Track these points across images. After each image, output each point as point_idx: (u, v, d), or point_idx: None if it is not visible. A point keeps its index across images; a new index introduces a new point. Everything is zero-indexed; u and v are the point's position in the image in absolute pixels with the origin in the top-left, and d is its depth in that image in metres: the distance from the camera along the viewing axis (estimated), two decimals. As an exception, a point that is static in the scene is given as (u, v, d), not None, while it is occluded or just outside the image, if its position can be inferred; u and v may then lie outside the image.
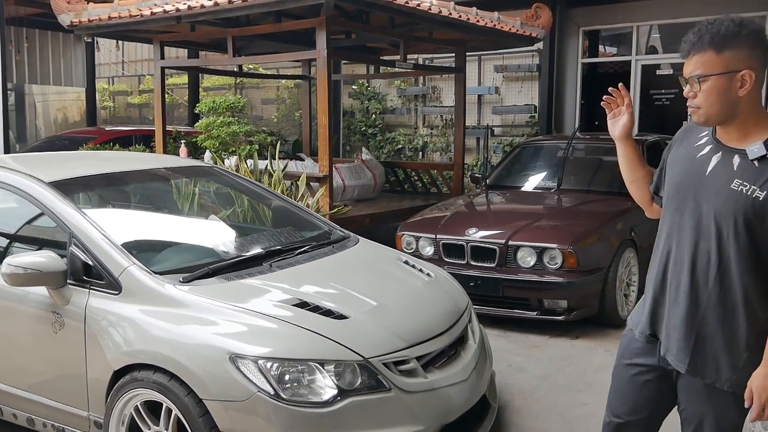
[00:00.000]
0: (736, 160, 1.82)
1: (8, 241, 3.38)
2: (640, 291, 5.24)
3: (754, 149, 1.78)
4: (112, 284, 2.76)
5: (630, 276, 5.11)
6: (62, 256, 2.85)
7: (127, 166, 3.89)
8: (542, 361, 4.29)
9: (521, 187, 6.23)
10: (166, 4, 6.50)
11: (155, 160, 4.45)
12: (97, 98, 13.94)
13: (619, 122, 2.10)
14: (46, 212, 3.06)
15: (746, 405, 1.84)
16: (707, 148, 1.90)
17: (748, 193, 1.77)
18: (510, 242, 4.79)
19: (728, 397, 1.89)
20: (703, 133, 1.95)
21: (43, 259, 2.78)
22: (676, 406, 2.04)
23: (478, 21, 7.00)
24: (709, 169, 1.86)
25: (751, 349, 1.83)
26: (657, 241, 2.01)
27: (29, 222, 3.37)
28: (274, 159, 6.10)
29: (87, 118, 13.67)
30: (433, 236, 5.14)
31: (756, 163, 1.78)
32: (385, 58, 8.64)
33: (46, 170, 3.32)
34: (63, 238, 3.01)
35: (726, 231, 1.80)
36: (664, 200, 2.01)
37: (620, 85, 2.10)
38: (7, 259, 2.79)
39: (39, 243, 3.24)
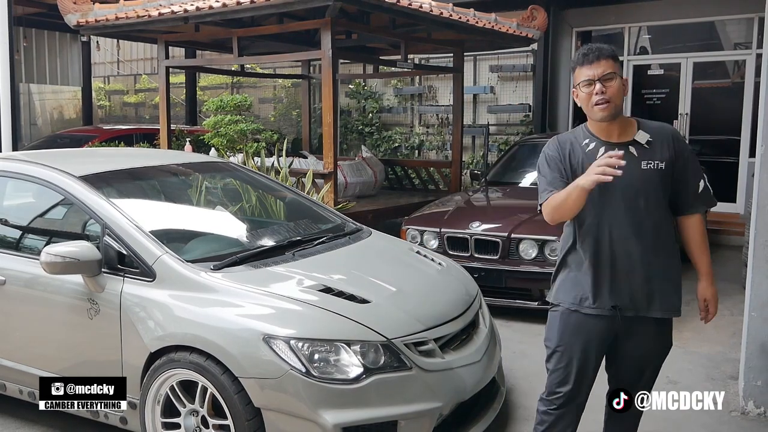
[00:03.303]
0: (632, 149, 2.34)
1: (39, 232, 3.53)
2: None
3: (641, 137, 2.35)
4: (146, 272, 2.92)
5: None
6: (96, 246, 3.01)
7: (148, 162, 4.06)
8: (544, 348, 4.47)
9: (520, 183, 6.43)
10: (172, 4, 6.65)
11: (174, 157, 4.60)
12: (93, 97, 14.02)
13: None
14: (78, 205, 3.21)
15: (702, 315, 2.49)
16: (602, 150, 2.35)
17: (655, 168, 2.33)
18: (512, 235, 4.99)
19: (670, 323, 2.49)
20: (585, 141, 2.40)
21: (80, 248, 2.94)
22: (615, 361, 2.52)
23: (476, 22, 7.20)
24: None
25: (679, 278, 2.44)
26: (585, 232, 2.39)
27: (55, 214, 3.53)
28: (281, 156, 6.25)
29: (83, 117, 13.76)
30: (437, 230, 5.33)
31: (647, 145, 2.34)
32: (384, 57, 8.82)
33: (73, 165, 3.47)
34: (92, 229, 3.18)
35: (650, 200, 2.34)
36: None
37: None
38: (45, 249, 2.95)
39: (69, 234, 3.38)
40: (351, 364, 2.62)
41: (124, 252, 2.98)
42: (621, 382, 2.56)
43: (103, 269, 2.97)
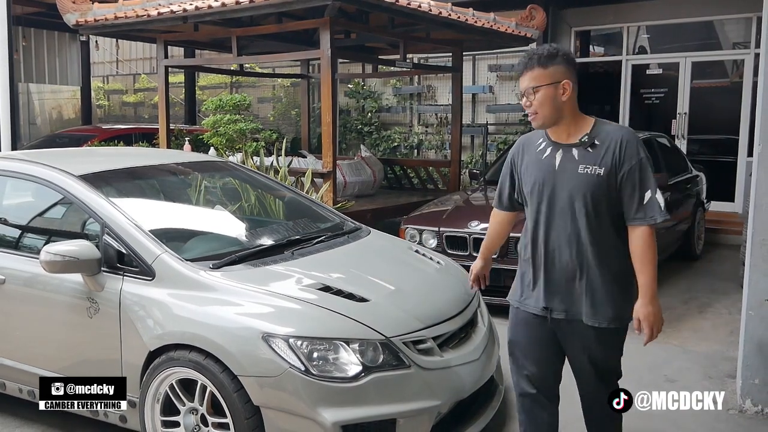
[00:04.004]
0: (575, 151, 2.34)
1: (39, 231, 3.54)
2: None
3: (585, 139, 2.33)
4: (145, 271, 2.93)
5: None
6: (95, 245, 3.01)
7: (148, 161, 4.07)
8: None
9: (518, 182, 6.42)
10: (171, 4, 6.66)
11: (173, 156, 4.61)
12: (92, 97, 14.03)
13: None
14: (77, 204, 3.22)
15: (637, 333, 2.33)
16: (549, 150, 2.40)
17: (592, 173, 2.29)
18: (511, 234, 4.97)
19: (611, 333, 2.38)
20: (540, 140, 2.44)
21: (79, 247, 2.94)
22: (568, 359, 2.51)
23: (475, 22, 7.21)
24: (557, 164, 2.36)
25: (620, 289, 2.35)
26: (525, 232, 2.48)
27: (54, 213, 3.54)
28: (280, 155, 6.26)
29: (82, 117, 13.76)
30: (436, 229, 5.34)
31: (590, 149, 2.31)
32: (383, 57, 8.83)
33: (72, 165, 3.48)
34: (91, 228, 3.19)
35: (587, 205, 2.30)
36: (526, 200, 2.45)
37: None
38: (45, 248, 2.96)
39: (68, 233, 3.38)
40: (350, 362, 2.63)
41: (124, 251, 2.99)
42: (582, 385, 2.54)
43: (102, 268, 2.97)
